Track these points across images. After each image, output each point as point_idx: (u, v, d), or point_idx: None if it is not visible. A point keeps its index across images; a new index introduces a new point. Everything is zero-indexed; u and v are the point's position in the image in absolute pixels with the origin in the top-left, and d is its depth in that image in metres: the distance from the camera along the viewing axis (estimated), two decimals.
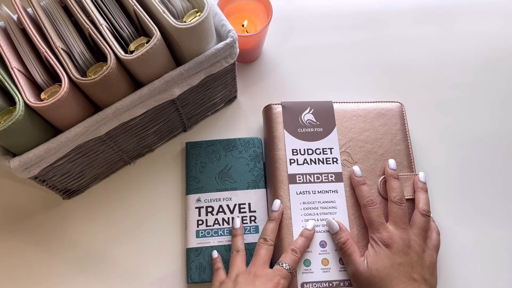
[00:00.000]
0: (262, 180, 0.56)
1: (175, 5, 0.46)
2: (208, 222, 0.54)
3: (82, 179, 0.54)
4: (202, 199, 0.55)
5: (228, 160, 0.57)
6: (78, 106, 0.44)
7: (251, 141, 0.58)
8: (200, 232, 0.54)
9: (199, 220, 0.54)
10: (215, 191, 0.55)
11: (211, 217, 0.54)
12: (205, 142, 0.58)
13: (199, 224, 0.54)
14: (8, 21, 0.46)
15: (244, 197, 0.55)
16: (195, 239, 0.53)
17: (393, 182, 0.52)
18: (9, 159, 0.43)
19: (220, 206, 0.55)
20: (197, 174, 0.56)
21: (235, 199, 0.55)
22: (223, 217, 0.54)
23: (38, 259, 0.54)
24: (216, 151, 0.57)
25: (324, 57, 0.66)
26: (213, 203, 0.55)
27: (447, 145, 0.60)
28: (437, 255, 0.49)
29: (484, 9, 0.69)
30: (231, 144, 0.58)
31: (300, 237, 0.50)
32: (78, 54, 0.43)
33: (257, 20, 0.62)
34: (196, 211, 0.54)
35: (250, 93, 0.63)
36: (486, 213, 0.57)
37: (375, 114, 0.58)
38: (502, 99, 0.63)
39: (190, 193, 0.55)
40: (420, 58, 0.66)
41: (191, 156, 0.57)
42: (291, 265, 0.48)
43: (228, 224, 0.54)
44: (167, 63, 0.46)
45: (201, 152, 0.57)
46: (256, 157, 0.57)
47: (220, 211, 0.54)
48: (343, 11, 0.69)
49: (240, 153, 0.57)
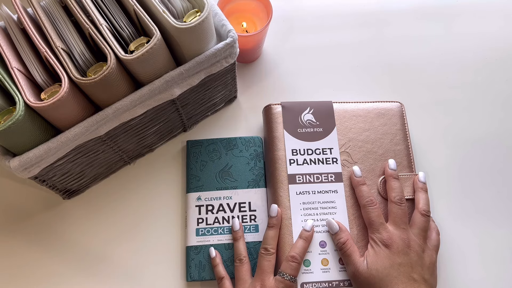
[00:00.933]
0: (263, 179, 0.56)
1: (175, 5, 0.46)
2: (208, 220, 0.54)
3: (82, 179, 0.54)
4: (202, 198, 0.55)
5: (228, 159, 0.57)
6: (78, 106, 0.44)
7: (251, 140, 0.58)
8: (200, 231, 0.54)
9: (199, 218, 0.54)
10: (216, 189, 0.55)
11: (211, 215, 0.54)
12: (205, 141, 0.58)
13: (199, 222, 0.54)
14: (8, 21, 0.46)
15: (245, 196, 0.55)
16: (195, 237, 0.53)
17: (393, 182, 0.52)
18: (9, 159, 0.43)
19: (220, 205, 0.55)
20: (198, 173, 0.56)
21: (235, 198, 0.55)
22: (223, 215, 0.54)
23: (38, 259, 0.54)
24: (217, 150, 0.57)
25: (324, 57, 0.66)
26: (213, 201, 0.55)
27: (447, 145, 0.60)
28: (437, 255, 0.49)
29: (484, 9, 0.69)
30: (231, 143, 0.58)
31: (299, 240, 0.50)
32: (78, 54, 0.44)
33: (257, 20, 0.62)
34: (197, 209, 0.54)
35: (250, 93, 0.63)
36: (486, 212, 0.57)
37: (375, 114, 0.58)
38: (502, 99, 0.63)
39: (191, 191, 0.55)
40: (420, 58, 0.66)
41: (191, 154, 0.57)
42: (292, 274, 0.48)
43: (228, 223, 0.54)
44: (167, 63, 0.46)
45: (202, 151, 0.57)
46: (257, 156, 0.57)
47: (220, 210, 0.55)
48: (343, 11, 0.69)
49: (240, 152, 0.57)
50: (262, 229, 0.54)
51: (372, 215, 0.49)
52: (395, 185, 0.51)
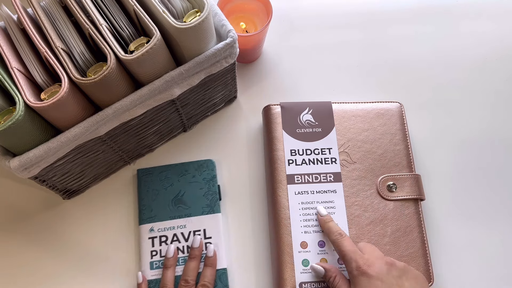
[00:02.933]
0: (217, 203, 0.55)
1: (175, 5, 0.46)
2: (163, 252, 0.52)
3: (82, 179, 0.54)
4: (155, 229, 0.53)
5: (181, 186, 0.55)
6: (78, 106, 0.44)
7: (204, 164, 0.57)
8: (154, 264, 0.52)
9: (153, 251, 0.52)
10: (169, 219, 0.54)
11: (165, 247, 0.53)
12: (157, 168, 0.56)
13: (153, 255, 0.52)
14: (8, 21, 0.46)
15: (199, 223, 0.54)
16: (150, 271, 0.52)
17: (329, 224, 0.50)
18: (9, 159, 0.43)
19: (174, 235, 0.53)
20: (150, 202, 0.55)
21: (189, 226, 0.54)
22: (178, 246, 0.53)
23: (38, 259, 0.54)
24: (169, 177, 0.56)
25: (324, 57, 0.66)
26: (167, 232, 0.53)
27: (447, 145, 0.61)
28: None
29: (484, 9, 0.69)
30: (183, 168, 0.56)
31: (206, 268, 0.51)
32: (78, 54, 0.44)
33: (257, 20, 0.62)
34: (150, 242, 0.53)
35: (250, 93, 0.63)
36: (486, 212, 0.57)
37: (374, 114, 0.58)
38: (502, 99, 0.63)
39: (143, 222, 0.54)
40: (420, 58, 0.66)
41: (142, 183, 0.56)
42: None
43: (183, 253, 0.52)
44: (167, 63, 0.46)
45: (153, 179, 0.56)
46: (210, 180, 0.56)
47: (174, 240, 0.53)
48: (343, 11, 0.69)
49: (193, 177, 0.56)
50: (219, 257, 0.52)
51: (344, 244, 0.47)
52: (332, 226, 0.50)
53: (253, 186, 0.58)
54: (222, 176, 0.58)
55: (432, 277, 0.50)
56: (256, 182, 0.58)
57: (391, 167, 0.55)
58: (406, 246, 0.51)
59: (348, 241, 0.47)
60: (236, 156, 0.59)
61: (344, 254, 0.46)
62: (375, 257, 0.45)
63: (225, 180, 0.58)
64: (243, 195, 0.57)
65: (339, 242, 0.47)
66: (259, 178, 0.58)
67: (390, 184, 0.54)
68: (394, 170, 0.55)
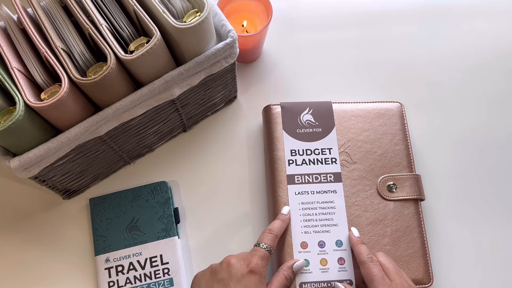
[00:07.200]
0: (173, 226, 0.53)
1: (175, 5, 0.46)
2: (120, 282, 0.51)
3: (82, 179, 0.54)
4: (111, 259, 0.52)
5: (135, 212, 0.54)
6: (78, 106, 0.44)
7: (157, 186, 0.55)
8: None
9: (110, 282, 0.51)
10: (124, 247, 0.53)
11: (122, 276, 0.51)
12: (108, 196, 0.55)
13: (110, 286, 0.51)
14: (8, 21, 0.46)
15: (155, 249, 0.52)
16: None
17: (360, 246, 0.50)
18: (9, 159, 0.43)
19: (130, 263, 0.52)
20: (104, 232, 0.53)
21: (145, 253, 0.52)
22: (135, 274, 0.52)
23: (38, 258, 0.54)
24: (121, 204, 0.55)
25: (324, 57, 0.66)
26: (122, 261, 0.52)
27: (447, 145, 0.61)
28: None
29: (484, 9, 0.69)
30: (136, 193, 0.55)
31: (276, 220, 0.51)
32: (78, 54, 0.44)
33: (257, 20, 0.62)
34: (106, 272, 0.52)
35: (250, 93, 0.63)
36: (486, 212, 0.57)
37: (375, 114, 0.58)
38: (502, 99, 0.63)
39: (99, 253, 0.53)
40: (420, 58, 0.66)
41: (95, 213, 0.54)
42: (268, 244, 0.47)
43: (140, 282, 0.51)
44: (167, 63, 0.46)
45: (106, 207, 0.54)
46: (165, 203, 0.54)
47: (131, 269, 0.52)
48: (343, 11, 0.69)
49: (147, 202, 0.55)
50: (177, 283, 0.51)
51: (374, 270, 0.48)
52: (362, 248, 0.50)
53: (253, 186, 0.58)
54: (222, 176, 0.58)
55: (432, 277, 0.50)
56: (256, 182, 0.58)
57: (391, 167, 0.55)
58: (406, 246, 0.51)
59: (378, 267, 0.48)
60: (236, 156, 0.59)
61: (372, 279, 0.47)
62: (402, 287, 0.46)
63: (225, 180, 0.58)
64: (243, 195, 0.57)
65: (370, 266, 0.48)
66: (259, 178, 0.58)
67: (390, 184, 0.54)
68: (394, 170, 0.55)
